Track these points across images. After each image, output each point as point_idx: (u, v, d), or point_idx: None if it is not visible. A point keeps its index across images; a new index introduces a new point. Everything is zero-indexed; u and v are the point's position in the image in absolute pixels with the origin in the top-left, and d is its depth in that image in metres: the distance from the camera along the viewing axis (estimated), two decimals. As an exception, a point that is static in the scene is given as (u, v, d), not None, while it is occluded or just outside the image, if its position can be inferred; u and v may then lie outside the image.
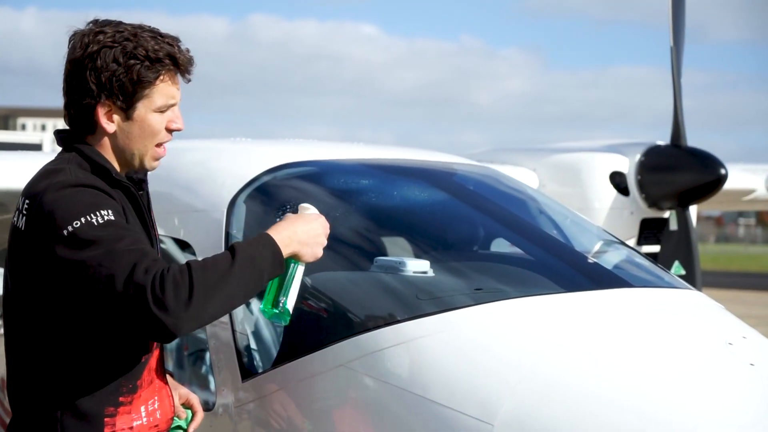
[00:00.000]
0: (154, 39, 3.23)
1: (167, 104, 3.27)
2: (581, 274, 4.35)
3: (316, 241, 3.34)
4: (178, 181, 4.83)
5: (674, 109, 7.03)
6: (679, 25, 7.07)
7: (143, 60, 3.19)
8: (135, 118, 3.25)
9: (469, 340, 3.63)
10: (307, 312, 4.18)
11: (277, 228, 3.27)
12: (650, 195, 7.00)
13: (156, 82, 3.23)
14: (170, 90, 3.28)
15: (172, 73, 3.27)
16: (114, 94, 3.20)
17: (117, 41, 3.19)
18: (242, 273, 3.09)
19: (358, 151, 5.30)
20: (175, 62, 3.25)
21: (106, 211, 3.06)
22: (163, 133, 3.30)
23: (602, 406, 3.28)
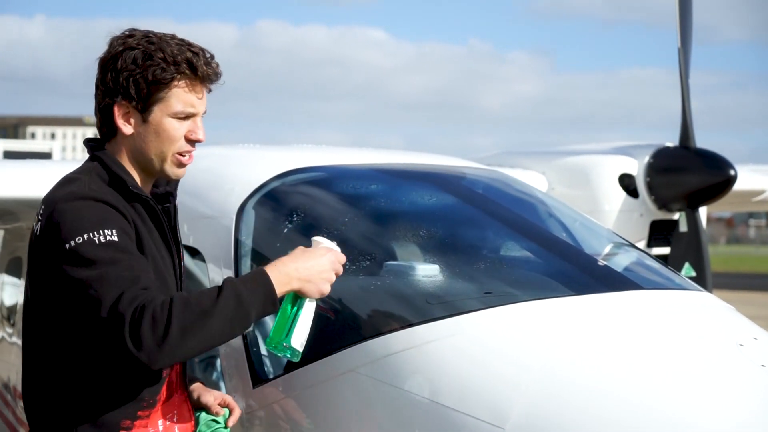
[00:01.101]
0: (178, 46, 3.25)
1: (185, 111, 3.26)
2: (591, 276, 4.35)
3: (321, 277, 3.28)
4: (187, 187, 4.81)
5: (682, 110, 7.02)
6: (686, 26, 7.07)
7: (160, 62, 3.21)
8: (151, 122, 3.25)
9: (479, 343, 3.63)
10: (317, 317, 4.18)
11: (278, 264, 3.22)
12: (660, 197, 6.98)
13: (171, 85, 3.23)
14: (188, 97, 3.26)
15: (192, 81, 3.26)
16: (130, 94, 3.22)
17: (140, 44, 3.22)
18: (225, 312, 3.04)
19: (366, 156, 5.30)
20: (192, 68, 3.24)
21: (110, 230, 3.07)
22: (182, 142, 3.28)
23: (613, 409, 3.28)
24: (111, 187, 3.24)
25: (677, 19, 6.99)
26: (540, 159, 7.39)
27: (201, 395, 3.58)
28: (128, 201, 3.24)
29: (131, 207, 3.24)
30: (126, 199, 3.24)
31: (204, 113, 3.35)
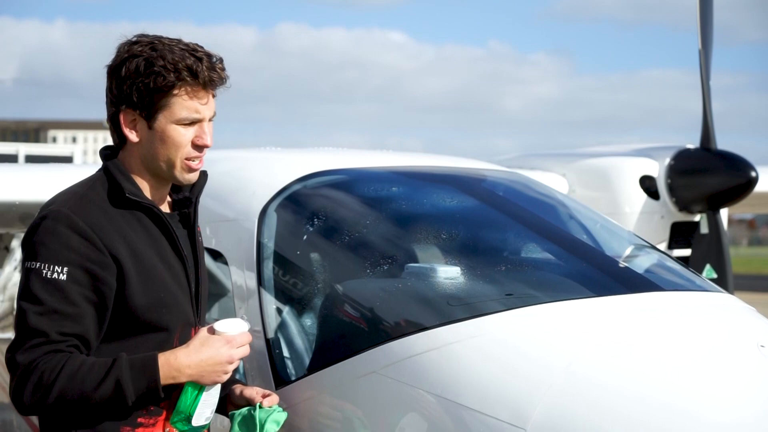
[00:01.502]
0: (181, 52, 3.23)
1: (190, 118, 3.26)
2: (612, 278, 4.35)
3: (215, 370, 3.21)
4: (209, 190, 4.82)
5: (703, 112, 7.00)
6: (707, 27, 7.05)
7: (161, 70, 3.20)
8: (156, 129, 3.26)
9: (501, 345, 3.65)
10: (339, 319, 4.21)
11: (170, 357, 3.16)
12: (681, 199, 6.97)
13: (173, 93, 3.23)
14: (191, 104, 3.25)
15: (194, 87, 3.25)
16: (134, 102, 3.23)
17: (144, 52, 3.22)
18: (103, 395, 3.08)
19: (387, 159, 5.32)
20: (193, 74, 3.23)
21: (61, 267, 3.11)
22: (189, 148, 3.29)
23: (635, 409, 3.29)
24: (111, 196, 3.25)
25: (698, 21, 6.98)
26: (560, 161, 7.38)
27: (243, 390, 3.58)
28: (129, 209, 3.25)
29: (131, 215, 3.24)
30: (126, 207, 3.24)
31: (212, 117, 3.34)
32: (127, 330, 3.21)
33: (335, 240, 4.50)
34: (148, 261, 3.23)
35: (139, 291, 3.19)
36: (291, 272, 4.40)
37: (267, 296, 4.29)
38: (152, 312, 3.21)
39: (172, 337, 3.27)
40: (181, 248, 3.33)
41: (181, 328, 3.30)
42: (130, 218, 3.25)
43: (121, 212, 3.24)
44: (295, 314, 4.32)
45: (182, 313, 3.31)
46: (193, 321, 3.35)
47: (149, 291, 3.21)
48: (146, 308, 3.20)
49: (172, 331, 3.27)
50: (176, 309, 3.28)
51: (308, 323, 4.29)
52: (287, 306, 4.33)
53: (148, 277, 3.22)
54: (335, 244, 4.50)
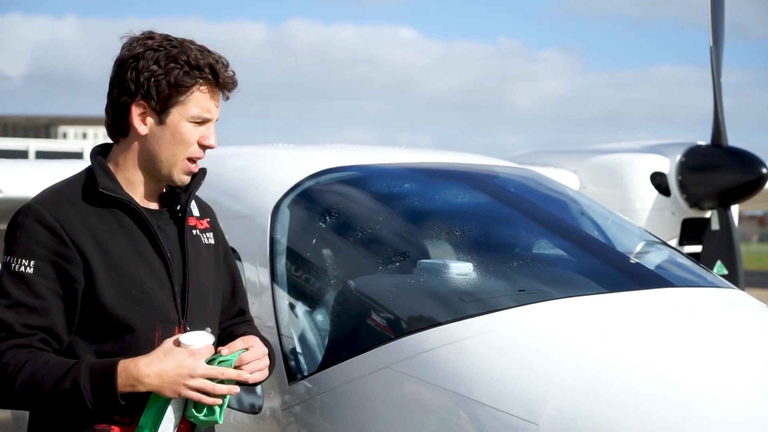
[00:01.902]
0: (200, 51, 3.25)
1: (202, 116, 3.26)
2: (624, 274, 4.37)
3: (176, 381, 3.08)
4: (221, 187, 4.89)
5: (714, 109, 7.01)
6: (718, 24, 7.05)
7: (183, 65, 3.21)
8: (168, 124, 3.25)
9: (513, 340, 3.67)
10: (351, 315, 4.23)
11: (130, 366, 3.06)
12: (691, 195, 6.97)
13: (192, 90, 3.23)
14: (207, 103, 3.26)
15: (211, 87, 3.26)
16: (150, 95, 3.22)
17: (163, 46, 3.23)
18: (61, 393, 3.05)
19: (399, 155, 5.34)
20: (214, 74, 3.25)
21: (28, 261, 3.11)
22: (195, 147, 3.28)
23: (647, 404, 3.30)
24: (87, 192, 3.23)
25: (710, 18, 6.98)
26: (571, 157, 7.39)
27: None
28: (105, 205, 3.21)
29: (107, 211, 3.21)
30: (102, 203, 3.21)
31: (216, 120, 3.34)
32: (100, 327, 3.16)
33: (348, 236, 4.52)
34: (120, 257, 3.18)
35: (108, 287, 3.15)
36: (304, 268, 4.42)
37: (280, 292, 4.32)
38: (123, 309, 3.16)
39: (151, 336, 3.19)
40: (161, 245, 3.25)
41: (161, 326, 3.22)
42: (106, 215, 3.21)
43: (95, 209, 3.21)
44: (307, 310, 4.34)
45: (159, 311, 3.22)
46: (176, 319, 3.25)
47: (119, 287, 3.16)
48: (116, 305, 3.15)
49: (148, 330, 3.19)
50: (151, 306, 3.20)
51: (321, 319, 4.31)
52: (300, 302, 4.36)
53: (118, 274, 3.17)
54: (348, 240, 4.52)
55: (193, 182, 3.38)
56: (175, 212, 3.36)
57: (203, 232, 3.45)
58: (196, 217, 3.45)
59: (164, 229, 3.31)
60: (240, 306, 3.61)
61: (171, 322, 3.24)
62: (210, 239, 3.48)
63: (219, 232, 3.56)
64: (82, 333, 3.18)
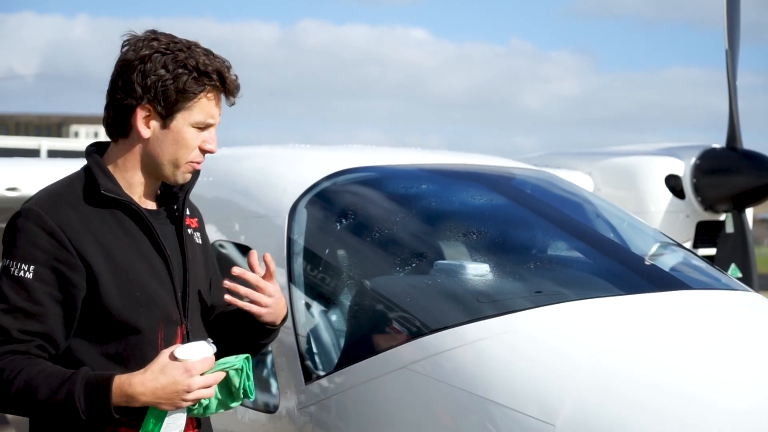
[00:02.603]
0: (206, 55, 3.22)
1: (205, 122, 3.23)
2: (639, 276, 4.38)
3: (171, 398, 3.05)
4: (238, 187, 4.91)
5: (730, 111, 7.01)
6: (734, 27, 7.06)
7: (192, 71, 3.18)
8: (172, 128, 3.21)
9: (530, 341, 3.68)
10: (368, 315, 4.24)
11: (125, 383, 3.03)
12: (706, 198, 6.98)
13: (199, 96, 3.20)
14: (212, 108, 3.24)
15: (217, 92, 3.24)
16: (156, 99, 3.18)
17: (170, 49, 3.19)
18: (56, 404, 3.03)
19: (415, 156, 5.36)
20: (222, 80, 3.22)
21: (27, 266, 3.08)
22: (196, 152, 3.25)
23: (664, 405, 3.31)
24: (87, 193, 3.20)
25: (725, 21, 6.98)
26: (586, 159, 7.40)
27: None
28: (105, 206, 3.19)
29: (108, 212, 3.19)
30: (102, 205, 3.19)
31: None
32: (104, 329, 3.14)
33: (365, 237, 4.53)
34: (123, 259, 3.16)
35: (112, 290, 3.12)
36: (320, 268, 4.43)
37: (297, 292, 4.33)
38: (127, 311, 3.13)
39: (154, 337, 3.18)
40: (162, 246, 3.24)
41: (163, 327, 3.20)
42: (107, 216, 3.19)
43: (96, 210, 3.19)
44: (324, 310, 4.36)
45: (162, 312, 3.20)
46: (178, 319, 3.24)
47: (123, 290, 3.14)
48: (121, 307, 3.13)
49: (152, 331, 3.18)
50: (155, 307, 3.18)
51: (337, 319, 4.32)
52: (317, 302, 4.37)
53: (122, 276, 3.15)
54: (365, 240, 4.53)
55: (188, 182, 3.37)
56: (172, 212, 3.35)
57: (194, 231, 3.44)
58: (188, 217, 3.43)
59: (163, 229, 3.29)
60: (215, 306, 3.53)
61: (173, 322, 3.23)
62: (199, 239, 3.45)
63: (204, 231, 3.54)
64: (86, 335, 3.16)
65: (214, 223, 4.72)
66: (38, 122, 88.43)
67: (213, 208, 4.80)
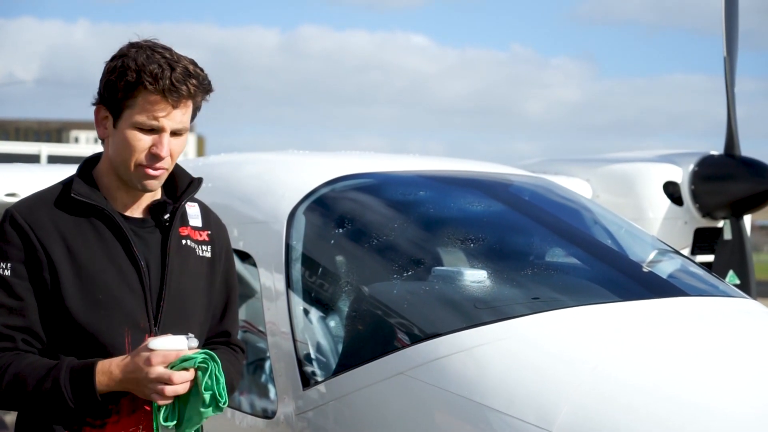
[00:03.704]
0: (157, 58, 3.17)
1: (147, 124, 3.18)
2: (637, 283, 4.40)
3: (147, 387, 3.07)
4: (237, 192, 4.92)
5: (728, 119, 7.03)
6: (732, 34, 7.08)
7: (127, 70, 3.17)
8: (118, 129, 3.22)
9: (528, 347, 3.69)
10: (366, 321, 4.25)
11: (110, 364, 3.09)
12: (704, 205, 7.00)
13: (136, 95, 3.17)
14: (153, 110, 3.17)
15: (155, 94, 3.16)
16: (105, 99, 3.22)
17: (128, 53, 3.20)
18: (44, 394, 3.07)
19: (414, 163, 5.37)
20: (154, 80, 3.15)
21: (6, 264, 3.15)
22: (143, 155, 3.20)
23: (661, 411, 3.32)
24: (64, 197, 3.23)
25: (723, 28, 7.00)
26: (584, 166, 7.42)
27: None
28: (81, 209, 3.21)
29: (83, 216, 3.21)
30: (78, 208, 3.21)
31: (180, 131, 3.24)
32: (69, 332, 3.16)
33: (363, 243, 4.54)
34: (88, 262, 3.18)
35: (73, 291, 3.15)
36: (319, 274, 4.44)
37: (295, 298, 4.34)
38: (89, 313, 3.15)
39: (119, 342, 3.18)
40: (135, 251, 3.22)
41: (129, 332, 3.19)
42: (81, 220, 3.22)
43: (71, 213, 3.21)
44: (322, 316, 4.37)
45: (127, 317, 3.19)
46: (146, 327, 3.22)
47: (85, 292, 3.15)
48: (81, 308, 3.15)
49: (115, 335, 3.18)
50: (119, 312, 3.18)
51: (335, 325, 4.34)
52: (315, 307, 4.39)
53: (85, 278, 3.16)
54: (363, 247, 4.55)
55: (186, 192, 3.37)
56: (162, 221, 3.33)
57: (199, 243, 3.40)
58: (195, 228, 3.40)
59: (144, 237, 3.28)
60: (226, 328, 3.53)
61: (141, 329, 3.21)
62: (206, 252, 3.41)
63: (220, 248, 3.49)
64: (55, 340, 3.19)
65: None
66: (38, 128, 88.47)
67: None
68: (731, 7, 7.09)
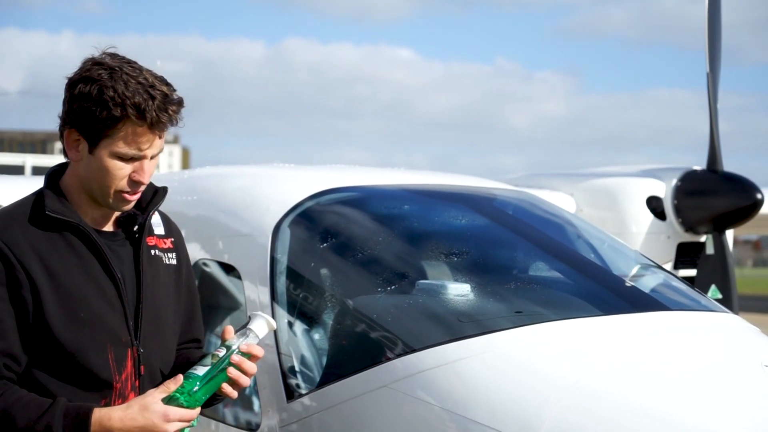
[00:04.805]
0: (137, 86, 3.10)
1: (129, 154, 3.13)
2: (619, 297, 4.42)
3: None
4: (222, 205, 4.94)
5: (710, 134, 7.06)
6: (715, 51, 7.12)
7: (108, 101, 3.08)
8: (96, 156, 3.15)
9: (510, 361, 3.71)
10: (350, 334, 4.27)
11: (109, 415, 3.05)
12: (687, 219, 7.02)
13: (118, 126, 3.11)
14: (137, 140, 3.12)
15: (140, 126, 3.11)
16: (79, 125, 3.14)
17: (101, 77, 3.12)
18: None
19: (399, 177, 5.40)
20: (140, 113, 3.09)
21: None
22: (123, 182, 3.16)
23: (642, 425, 3.34)
24: (36, 213, 3.18)
25: (706, 45, 7.05)
26: (568, 180, 7.44)
27: None
28: (53, 226, 3.16)
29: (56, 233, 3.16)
30: (50, 225, 3.16)
31: (157, 155, 3.21)
32: (52, 351, 3.12)
33: (347, 256, 4.57)
34: (67, 280, 3.14)
35: (55, 309, 3.10)
36: (303, 287, 4.46)
37: (279, 310, 4.35)
38: (71, 331, 3.11)
39: (103, 358, 3.16)
40: (111, 267, 3.19)
41: (112, 348, 3.16)
42: (55, 237, 3.17)
43: (45, 230, 3.17)
44: (306, 329, 4.39)
45: (109, 333, 3.16)
46: (128, 341, 3.20)
47: (66, 309, 3.10)
48: (63, 326, 3.10)
49: (99, 352, 3.14)
50: (100, 328, 3.14)
51: (320, 338, 4.35)
52: (299, 320, 4.40)
53: (66, 296, 3.12)
54: (347, 260, 4.57)
55: (152, 202, 3.34)
56: (131, 233, 3.30)
57: (165, 252, 3.38)
58: (159, 236, 3.37)
59: (117, 250, 3.25)
60: (196, 335, 3.50)
61: (123, 343, 3.19)
62: (172, 259, 3.39)
63: (183, 253, 3.46)
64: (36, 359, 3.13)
65: (198, 241, 4.75)
66: (22, 139, 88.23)
67: (197, 226, 4.83)
68: (714, 24, 7.13)
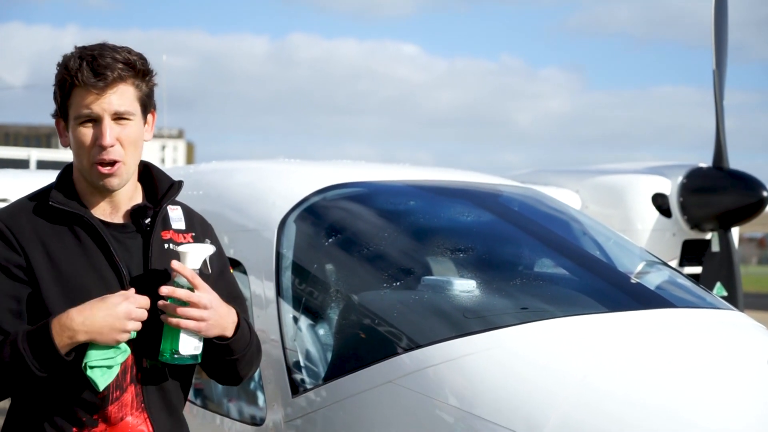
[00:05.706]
0: (80, 54, 3.19)
1: (83, 113, 3.17)
2: (625, 294, 4.43)
3: (113, 328, 3.05)
4: (227, 200, 4.94)
5: (716, 131, 7.07)
6: (721, 48, 7.12)
7: (60, 75, 3.20)
8: (71, 131, 3.23)
9: (516, 357, 3.71)
10: (356, 329, 4.27)
11: (63, 318, 3.04)
12: (692, 217, 7.03)
13: (69, 91, 3.19)
14: (85, 102, 3.17)
15: (82, 86, 3.16)
16: (57, 110, 3.26)
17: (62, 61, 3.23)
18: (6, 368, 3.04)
19: (404, 173, 5.40)
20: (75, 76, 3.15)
21: None
22: (95, 149, 3.18)
23: (648, 422, 3.34)
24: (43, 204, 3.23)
25: (713, 42, 7.05)
26: (573, 177, 7.45)
27: None
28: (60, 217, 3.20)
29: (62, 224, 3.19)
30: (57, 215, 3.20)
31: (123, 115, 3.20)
32: None
33: (353, 252, 4.57)
34: (67, 269, 3.16)
35: (55, 298, 3.12)
36: (309, 282, 4.46)
37: (285, 306, 4.35)
38: None
39: None
40: (115, 257, 3.19)
41: None
42: (61, 227, 3.20)
43: (51, 221, 3.21)
44: (312, 324, 4.39)
45: None
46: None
47: (68, 299, 3.11)
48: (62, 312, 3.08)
49: None
50: None
51: (325, 333, 4.35)
52: (305, 315, 4.40)
53: (66, 285, 3.14)
54: (353, 255, 4.57)
55: (167, 195, 3.35)
56: (143, 226, 3.30)
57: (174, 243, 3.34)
58: (177, 231, 3.36)
59: (126, 243, 3.25)
60: None
61: None
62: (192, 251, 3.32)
63: None
64: None
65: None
66: (27, 133, 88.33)
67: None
68: (720, 21, 7.13)
